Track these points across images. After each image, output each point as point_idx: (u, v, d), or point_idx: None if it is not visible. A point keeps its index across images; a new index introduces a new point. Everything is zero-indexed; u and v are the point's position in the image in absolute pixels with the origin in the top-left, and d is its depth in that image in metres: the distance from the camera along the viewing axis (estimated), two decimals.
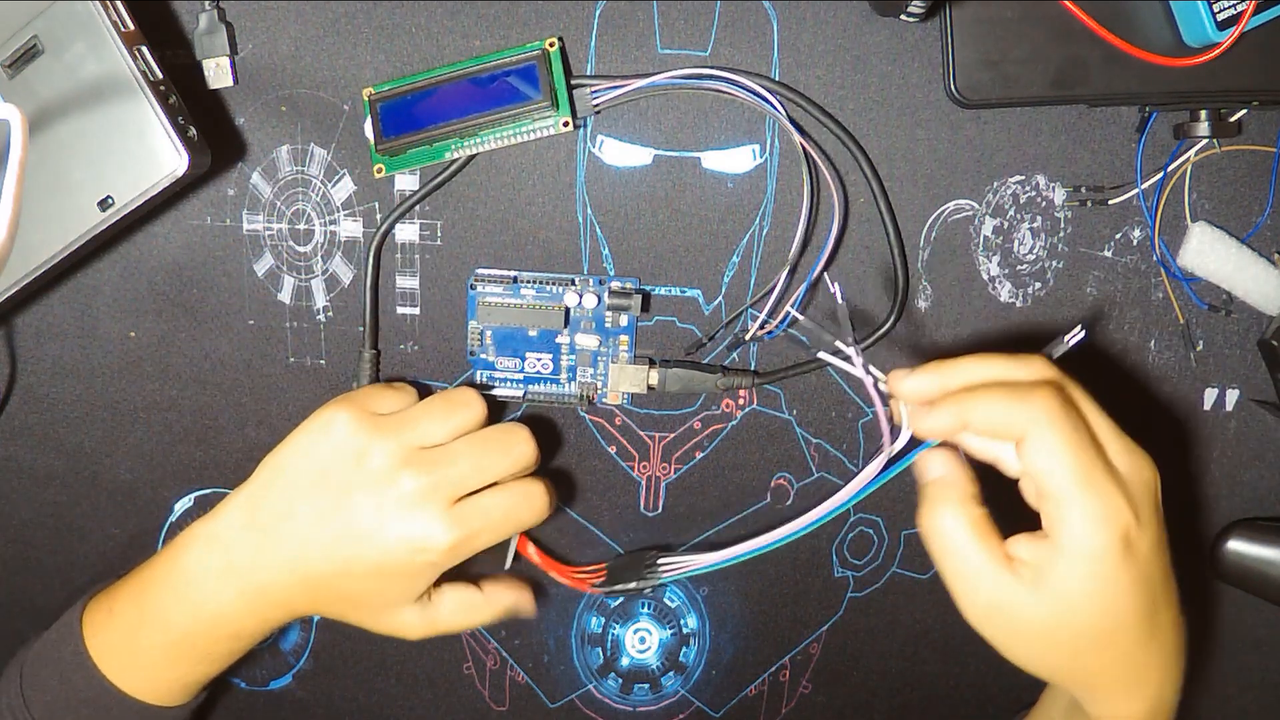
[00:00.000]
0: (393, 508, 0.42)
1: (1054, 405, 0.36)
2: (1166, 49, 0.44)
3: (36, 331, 0.52)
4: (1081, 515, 0.36)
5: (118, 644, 0.46)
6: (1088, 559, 0.36)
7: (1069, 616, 0.37)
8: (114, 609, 0.46)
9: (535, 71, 0.46)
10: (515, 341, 0.51)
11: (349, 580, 0.43)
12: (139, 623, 0.45)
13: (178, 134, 0.42)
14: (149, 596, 0.45)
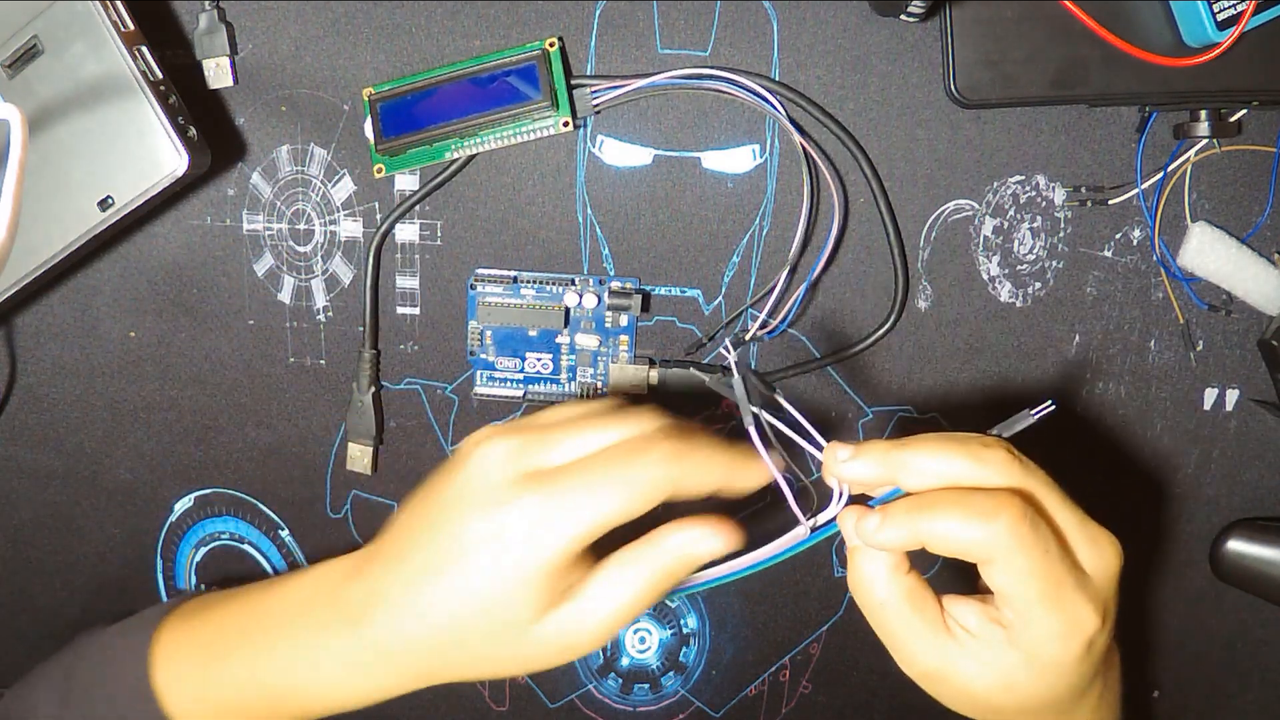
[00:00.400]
0: (468, 495, 0.35)
1: (1019, 527, 0.33)
2: (1166, 49, 0.44)
3: (36, 331, 0.52)
4: (1047, 632, 0.34)
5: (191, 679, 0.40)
6: (1046, 667, 0.35)
7: (1012, 694, 0.35)
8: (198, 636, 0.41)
9: (535, 71, 0.46)
10: (515, 341, 0.51)
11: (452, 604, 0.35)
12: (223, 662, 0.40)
13: (178, 134, 0.43)
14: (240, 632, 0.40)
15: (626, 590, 0.35)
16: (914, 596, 0.35)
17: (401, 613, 0.36)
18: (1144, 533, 0.53)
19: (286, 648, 0.38)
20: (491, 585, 0.34)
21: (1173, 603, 0.54)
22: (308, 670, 0.38)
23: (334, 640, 0.37)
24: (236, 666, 0.39)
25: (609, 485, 0.34)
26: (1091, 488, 0.53)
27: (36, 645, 0.57)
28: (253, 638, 0.39)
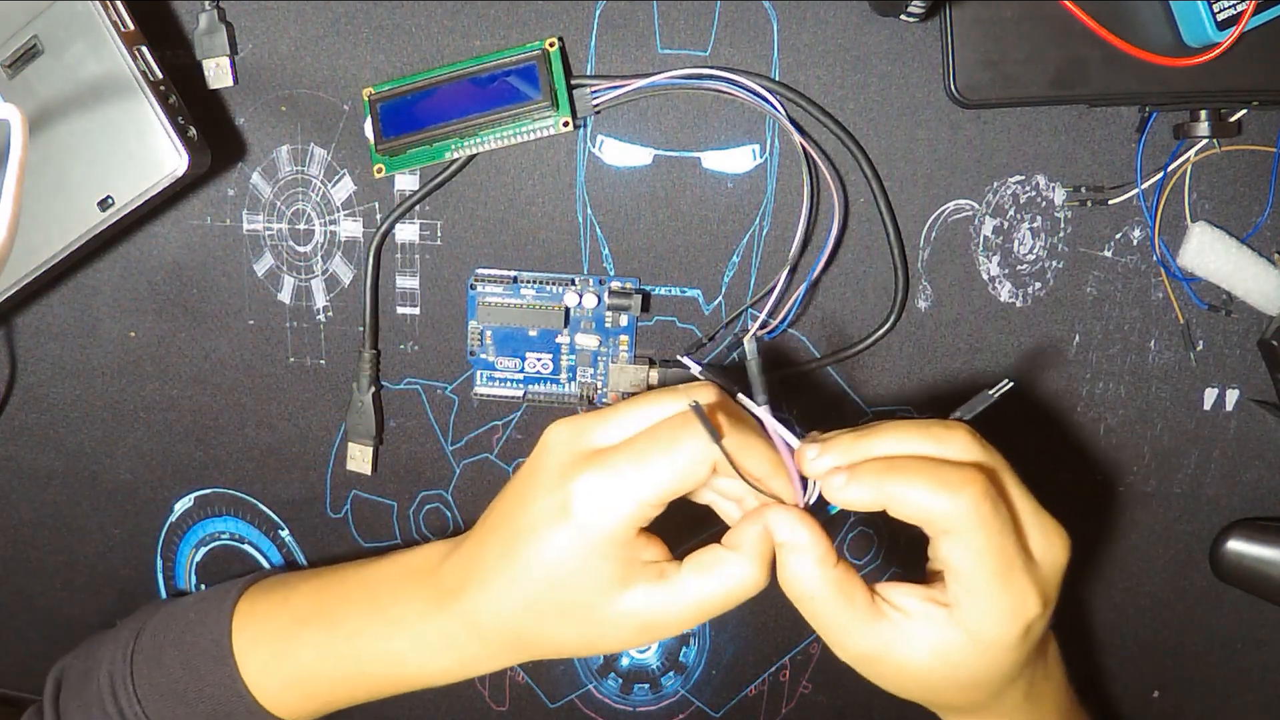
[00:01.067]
0: (538, 473, 0.37)
1: (981, 502, 0.34)
2: (1166, 49, 0.44)
3: (36, 331, 0.52)
4: (991, 610, 0.35)
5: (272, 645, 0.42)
6: (986, 646, 0.36)
7: (950, 672, 0.37)
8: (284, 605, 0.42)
9: (535, 71, 0.46)
10: (515, 341, 0.51)
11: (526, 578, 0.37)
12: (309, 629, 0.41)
13: (178, 134, 0.43)
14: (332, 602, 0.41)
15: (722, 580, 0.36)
16: (843, 586, 0.36)
17: (488, 587, 0.37)
18: (1144, 533, 0.53)
19: (372, 621, 0.40)
20: (560, 557, 0.36)
21: (1173, 603, 0.54)
22: (401, 653, 0.39)
23: (426, 614, 0.39)
24: (316, 636, 0.41)
25: (658, 454, 0.35)
26: (1092, 487, 0.53)
27: (36, 645, 0.57)
28: (334, 611, 0.41)
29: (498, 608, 0.38)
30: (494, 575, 0.38)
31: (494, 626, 0.38)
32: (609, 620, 0.37)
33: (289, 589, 0.44)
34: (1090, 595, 0.54)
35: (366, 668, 0.40)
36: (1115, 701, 0.56)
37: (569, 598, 0.37)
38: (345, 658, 0.40)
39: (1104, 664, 0.56)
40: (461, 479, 0.53)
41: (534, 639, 0.38)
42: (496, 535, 0.38)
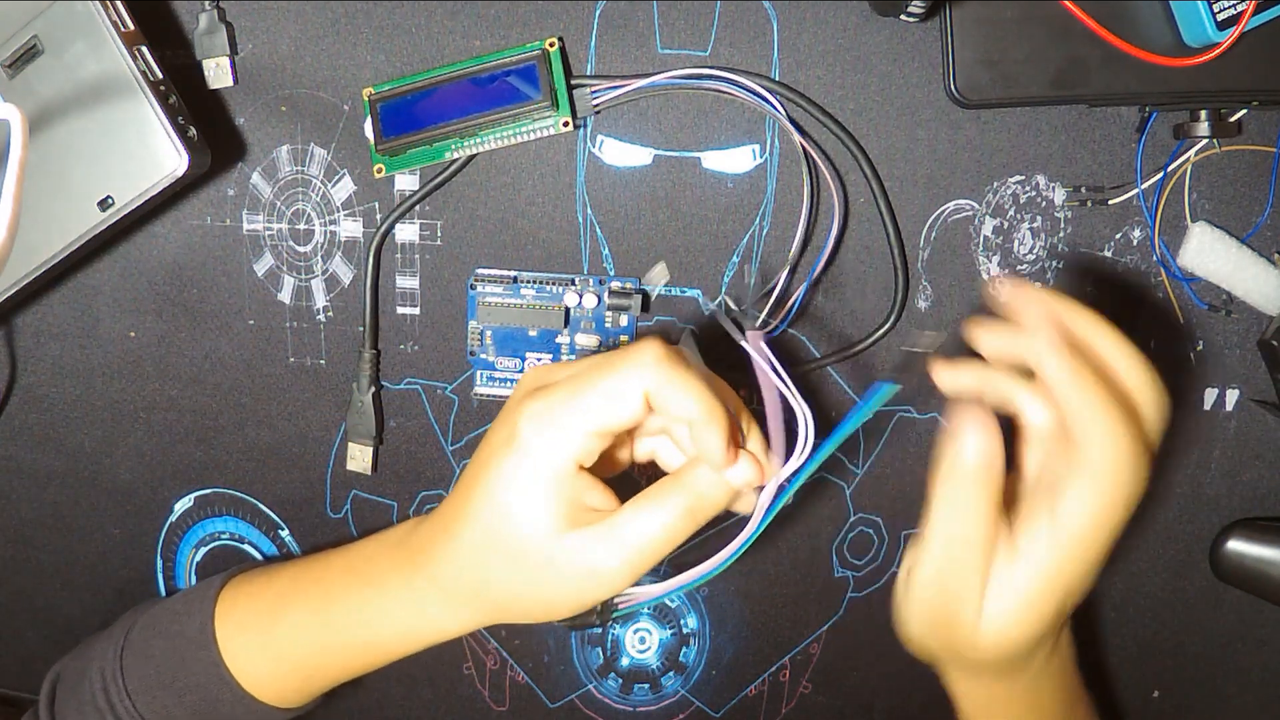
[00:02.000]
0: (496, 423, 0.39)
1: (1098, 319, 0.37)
2: (1166, 49, 0.44)
3: (36, 331, 0.52)
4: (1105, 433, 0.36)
5: (253, 630, 0.42)
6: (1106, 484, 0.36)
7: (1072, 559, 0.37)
8: (265, 590, 0.43)
9: (535, 71, 0.46)
10: (515, 341, 0.51)
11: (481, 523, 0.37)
12: (288, 610, 0.42)
13: (178, 134, 0.43)
14: (308, 583, 0.42)
15: (659, 519, 0.36)
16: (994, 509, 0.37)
17: (450, 538, 0.38)
18: (1144, 533, 0.53)
19: (347, 590, 0.41)
20: (505, 490, 0.36)
21: (1173, 603, 0.54)
22: (371, 614, 0.40)
23: (396, 581, 0.40)
24: (297, 617, 0.41)
25: (593, 387, 0.36)
26: None
27: (36, 645, 0.57)
28: (312, 587, 0.42)
29: (455, 556, 0.38)
30: (452, 524, 0.38)
31: (453, 578, 0.38)
32: (554, 564, 0.36)
33: (271, 574, 0.44)
34: (1091, 595, 0.54)
35: (343, 635, 0.41)
36: (1115, 701, 0.56)
37: (515, 534, 0.36)
38: (322, 628, 0.41)
39: (1104, 664, 0.56)
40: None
41: (487, 589, 0.38)
42: (458, 487, 0.39)
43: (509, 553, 0.37)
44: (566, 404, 0.36)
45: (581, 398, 0.36)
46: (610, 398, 0.36)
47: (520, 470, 0.36)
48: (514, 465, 0.36)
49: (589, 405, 0.36)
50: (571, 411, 0.36)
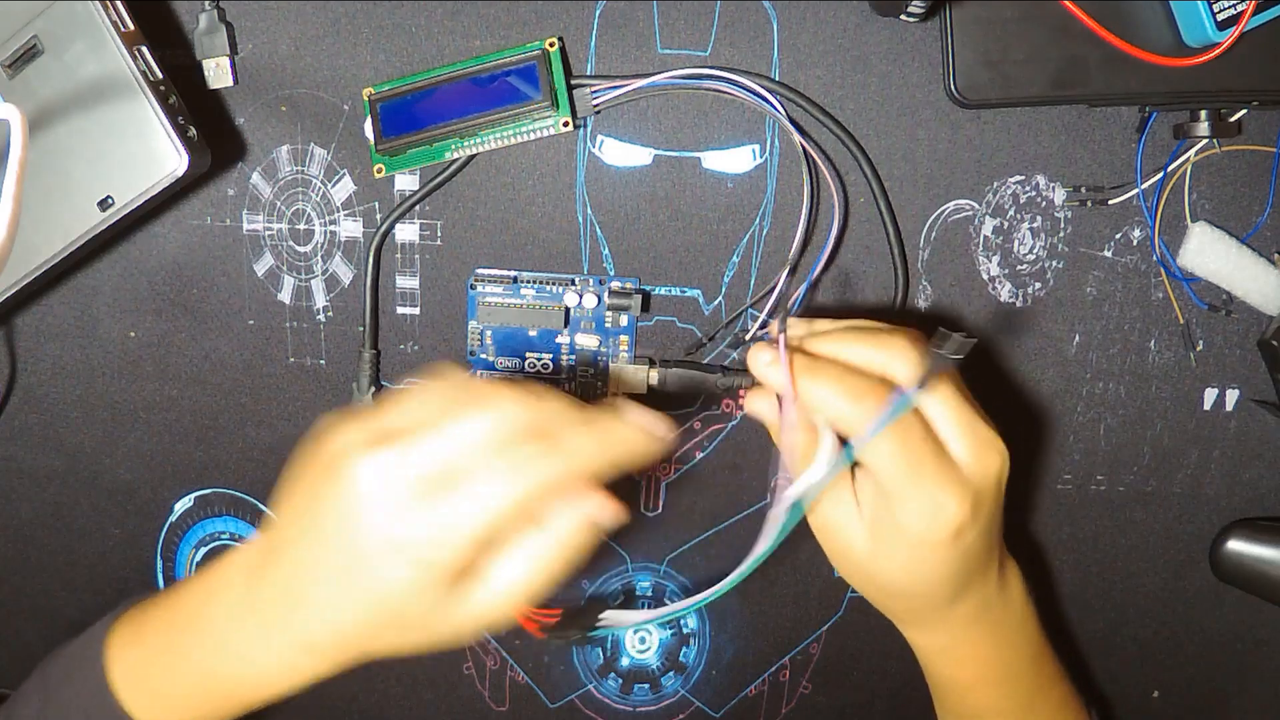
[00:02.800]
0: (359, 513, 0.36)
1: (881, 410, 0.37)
2: (1166, 49, 0.44)
3: (36, 331, 0.52)
4: (911, 509, 0.38)
5: (139, 670, 0.42)
6: (912, 544, 0.39)
7: (884, 567, 0.41)
8: (140, 632, 0.43)
9: (535, 71, 0.46)
10: (515, 341, 0.51)
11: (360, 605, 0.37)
12: (163, 649, 0.42)
13: (178, 134, 0.43)
14: (175, 624, 0.42)
15: (530, 569, 0.37)
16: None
17: (318, 614, 0.37)
18: (1144, 533, 0.53)
19: (214, 644, 0.40)
20: (400, 590, 0.36)
21: (1173, 603, 0.54)
22: (239, 664, 0.40)
23: (256, 638, 0.39)
24: (178, 660, 0.41)
25: (493, 493, 0.35)
26: (1092, 487, 0.53)
27: (36, 645, 0.57)
28: (185, 634, 0.41)
29: (331, 629, 0.37)
30: (321, 604, 0.37)
31: (331, 643, 0.38)
32: (443, 627, 0.37)
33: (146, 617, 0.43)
34: (1090, 595, 0.54)
35: (226, 685, 0.41)
36: (1115, 701, 0.56)
37: (409, 618, 0.37)
38: (206, 677, 0.41)
39: (1104, 664, 0.56)
40: None
41: (376, 649, 0.38)
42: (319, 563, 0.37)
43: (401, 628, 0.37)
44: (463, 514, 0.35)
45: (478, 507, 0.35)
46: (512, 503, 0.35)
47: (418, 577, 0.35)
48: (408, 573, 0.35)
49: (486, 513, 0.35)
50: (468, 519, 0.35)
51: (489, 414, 0.35)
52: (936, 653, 0.46)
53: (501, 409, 0.35)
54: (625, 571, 0.55)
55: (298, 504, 0.38)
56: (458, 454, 0.35)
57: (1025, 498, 0.53)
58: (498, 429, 0.35)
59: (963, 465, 0.39)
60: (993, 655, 0.45)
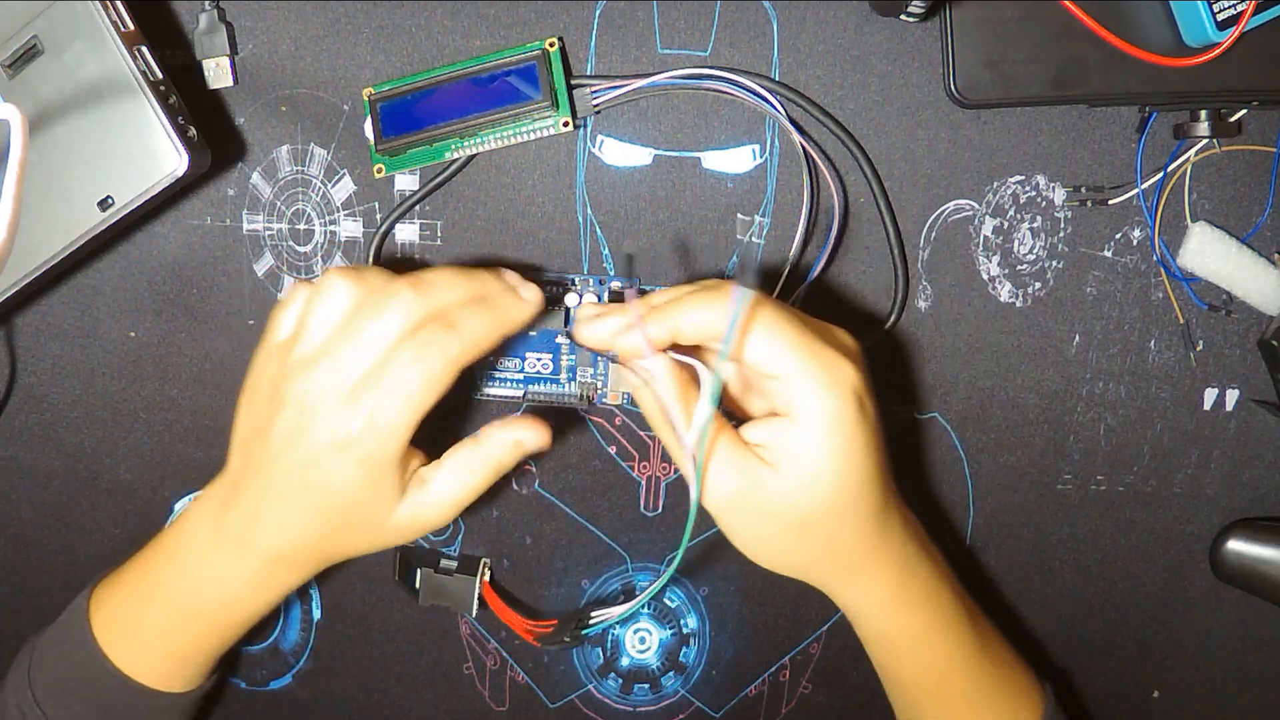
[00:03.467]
0: (303, 424, 0.40)
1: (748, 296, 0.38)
2: (1166, 49, 0.44)
3: (36, 331, 0.52)
4: (812, 381, 0.38)
5: (120, 618, 0.46)
6: (824, 419, 0.38)
7: (811, 485, 0.39)
8: (119, 584, 0.46)
9: (535, 71, 0.46)
10: (515, 341, 0.51)
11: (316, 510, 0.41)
12: (140, 595, 0.45)
13: (178, 134, 0.42)
14: (150, 568, 0.45)
15: (465, 477, 0.42)
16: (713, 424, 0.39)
17: (280, 527, 0.42)
18: (1144, 533, 0.53)
19: (190, 578, 0.44)
20: (350, 488, 0.40)
21: (1173, 603, 0.54)
22: (214, 590, 0.44)
23: (229, 562, 0.43)
24: (155, 602, 0.45)
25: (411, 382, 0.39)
26: (1092, 487, 0.53)
27: None
28: (162, 575, 0.45)
29: (299, 542, 0.42)
30: (283, 516, 0.41)
31: (295, 553, 0.43)
32: (389, 527, 0.42)
33: (124, 572, 0.47)
34: (1090, 595, 0.54)
35: (204, 623, 0.45)
36: (1115, 701, 0.56)
37: (359, 516, 0.41)
38: (184, 614, 0.45)
39: (1104, 664, 0.56)
40: None
41: (333, 552, 0.43)
42: (278, 479, 0.41)
43: (353, 527, 0.42)
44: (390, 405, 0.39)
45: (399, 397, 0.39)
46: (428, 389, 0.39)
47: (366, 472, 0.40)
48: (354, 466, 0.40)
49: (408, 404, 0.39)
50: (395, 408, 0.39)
51: (392, 312, 0.40)
52: (888, 599, 0.43)
53: (401, 303, 0.40)
54: (625, 571, 0.55)
55: (249, 442, 0.42)
56: (374, 354, 0.40)
57: (1025, 498, 0.53)
58: (403, 322, 0.40)
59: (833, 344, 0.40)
60: (933, 590, 0.44)
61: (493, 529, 0.54)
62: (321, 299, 0.41)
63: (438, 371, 0.39)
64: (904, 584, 0.43)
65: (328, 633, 0.55)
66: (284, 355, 0.41)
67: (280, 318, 0.42)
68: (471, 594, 0.51)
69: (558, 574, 0.54)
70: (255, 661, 0.56)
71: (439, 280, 0.41)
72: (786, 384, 0.38)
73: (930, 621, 0.44)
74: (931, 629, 0.44)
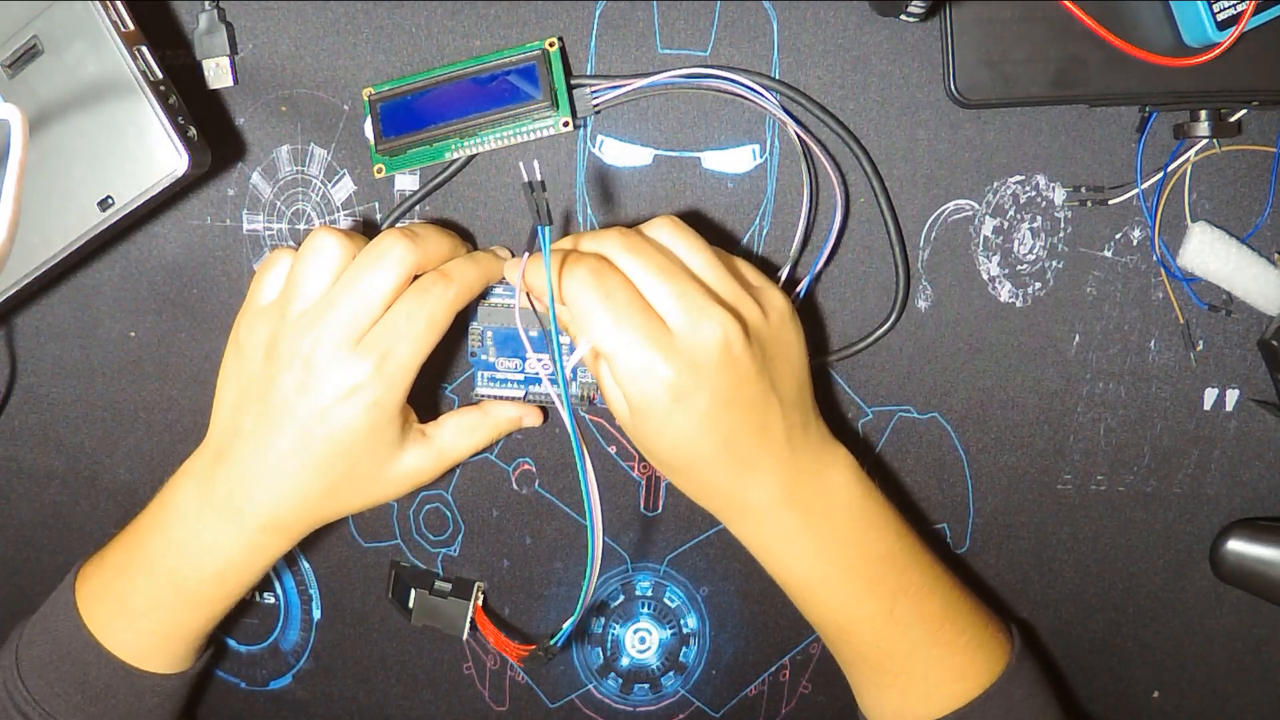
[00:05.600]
0: (310, 376, 0.41)
1: (586, 274, 0.39)
2: (1166, 49, 0.44)
3: (36, 331, 0.52)
4: (621, 369, 0.39)
5: (105, 592, 0.46)
6: (636, 406, 0.40)
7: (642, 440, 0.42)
8: (104, 559, 0.47)
9: (535, 71, 0.46)
10: (515, 342, 0.51)
11: (320, 465, 0.42)
12: (126, 568, 0.45)
13: (178, 134, 0.42)
14: (135, 542, 0.45)
15: (467, 436, 0.46)
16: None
17: (279, 489, 0.42)
18: (1144, 533, 0.53)
19: (176, 547, 0.44)
20: (357, 434, 0.41)
21: (1173, 603, 0.54)
22: (203, 558, 0.44)
23: (216, 532, 0.43)
24: (142, 575, 0.45)
25: (414, 326, 0.41)
26: (1092, 487, 0.53)
27: None
28: (148, 550, 0.45)
29: (295, 504, 0.43)
30: (287, 475, 0.42)
31: (292, 519, 0.43)
32: (388, 477, 0.44)
33: (109, 549, 0.47)
34: (1090, 595, 0.54)
35: (194, 595, 0.45)
36: (1115, 701, 0.56)
37: (362, 469, 0.43)
38: (172, 594, 0.45)
39: (1104, 664, 0.56)
40: (461, 479, 0.53)
41: (330, 510, 0.44)
42: (280, 439, 0.41)
43: (355, 482, 0.43)
44: (398, 359, 0.41)
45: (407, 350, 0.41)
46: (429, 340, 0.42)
47: (372, 419, 0.41)
48: (360, 416, 0.41)
49: (412, 351, 0.41)
50: (402, 361, 0.41)
51: (389, 262, 0.41)
52: (758, 549, 0.45)
53: (398, 254, 0.41)
54: (625, 571, 0.55)
55: (240, 408, 0.43)
56: (377, 303, 0.41)
57: (1025, 498, 0.53)
58: (401, 272, 0.41)
59: (675, 330, 0.40)
60: (818, 549, 0.44)
61: (493, 529, 0.54)
62: (314, 256, 0.42)
63: (440, 315, 0.42)
64: (771, 536, 0.44)
65: (328, 633, 0.55)
66: (278, 315, 0.42)
67: (266, 279, 0.43)
68: (464, 617, 0.51)
69: (558, 574, 0.54)
70: (255, 661, 0.56)
71: (428, 234, 0.43)
72: (604, 354, 0.40)
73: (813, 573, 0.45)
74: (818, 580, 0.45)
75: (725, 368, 0.40)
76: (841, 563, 0.44)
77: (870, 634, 0.45)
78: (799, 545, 0.44)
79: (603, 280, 0.39)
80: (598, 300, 0.39)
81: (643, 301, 0.40)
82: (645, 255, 0.41)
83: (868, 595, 0.45)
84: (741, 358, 0.40)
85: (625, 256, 0.41)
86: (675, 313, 0.40)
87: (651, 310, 0.40)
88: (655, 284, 0.40)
